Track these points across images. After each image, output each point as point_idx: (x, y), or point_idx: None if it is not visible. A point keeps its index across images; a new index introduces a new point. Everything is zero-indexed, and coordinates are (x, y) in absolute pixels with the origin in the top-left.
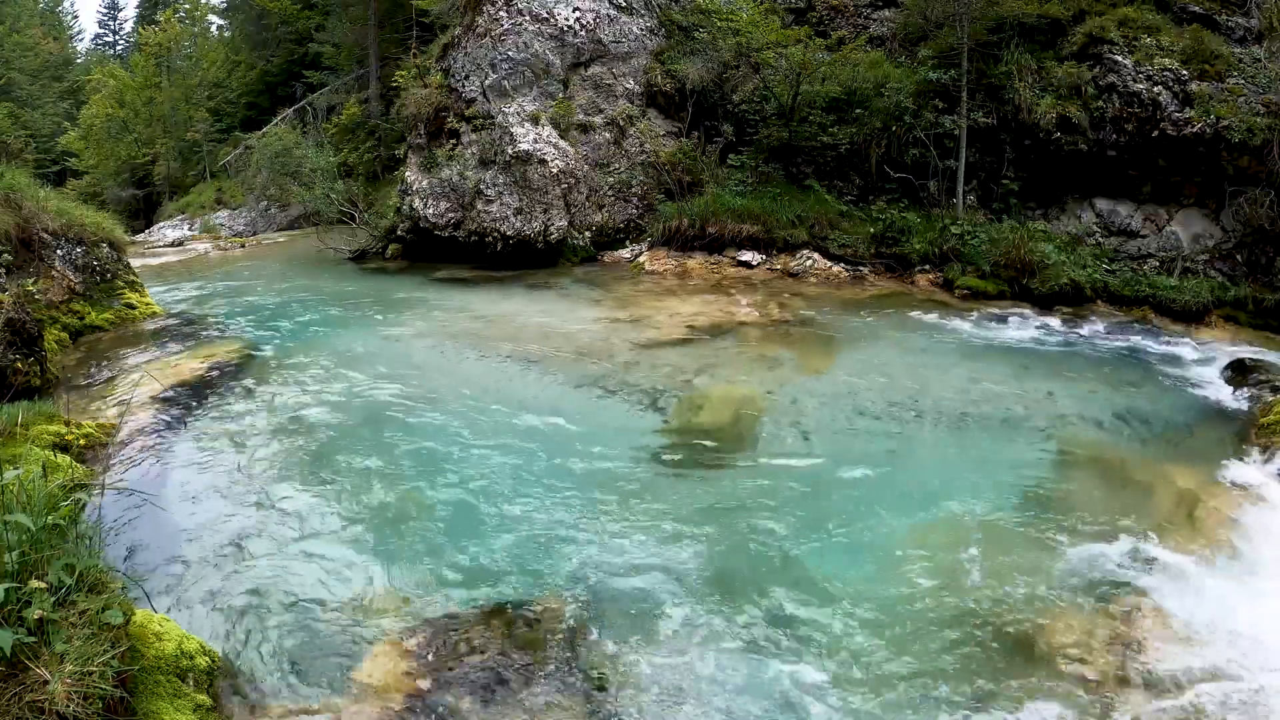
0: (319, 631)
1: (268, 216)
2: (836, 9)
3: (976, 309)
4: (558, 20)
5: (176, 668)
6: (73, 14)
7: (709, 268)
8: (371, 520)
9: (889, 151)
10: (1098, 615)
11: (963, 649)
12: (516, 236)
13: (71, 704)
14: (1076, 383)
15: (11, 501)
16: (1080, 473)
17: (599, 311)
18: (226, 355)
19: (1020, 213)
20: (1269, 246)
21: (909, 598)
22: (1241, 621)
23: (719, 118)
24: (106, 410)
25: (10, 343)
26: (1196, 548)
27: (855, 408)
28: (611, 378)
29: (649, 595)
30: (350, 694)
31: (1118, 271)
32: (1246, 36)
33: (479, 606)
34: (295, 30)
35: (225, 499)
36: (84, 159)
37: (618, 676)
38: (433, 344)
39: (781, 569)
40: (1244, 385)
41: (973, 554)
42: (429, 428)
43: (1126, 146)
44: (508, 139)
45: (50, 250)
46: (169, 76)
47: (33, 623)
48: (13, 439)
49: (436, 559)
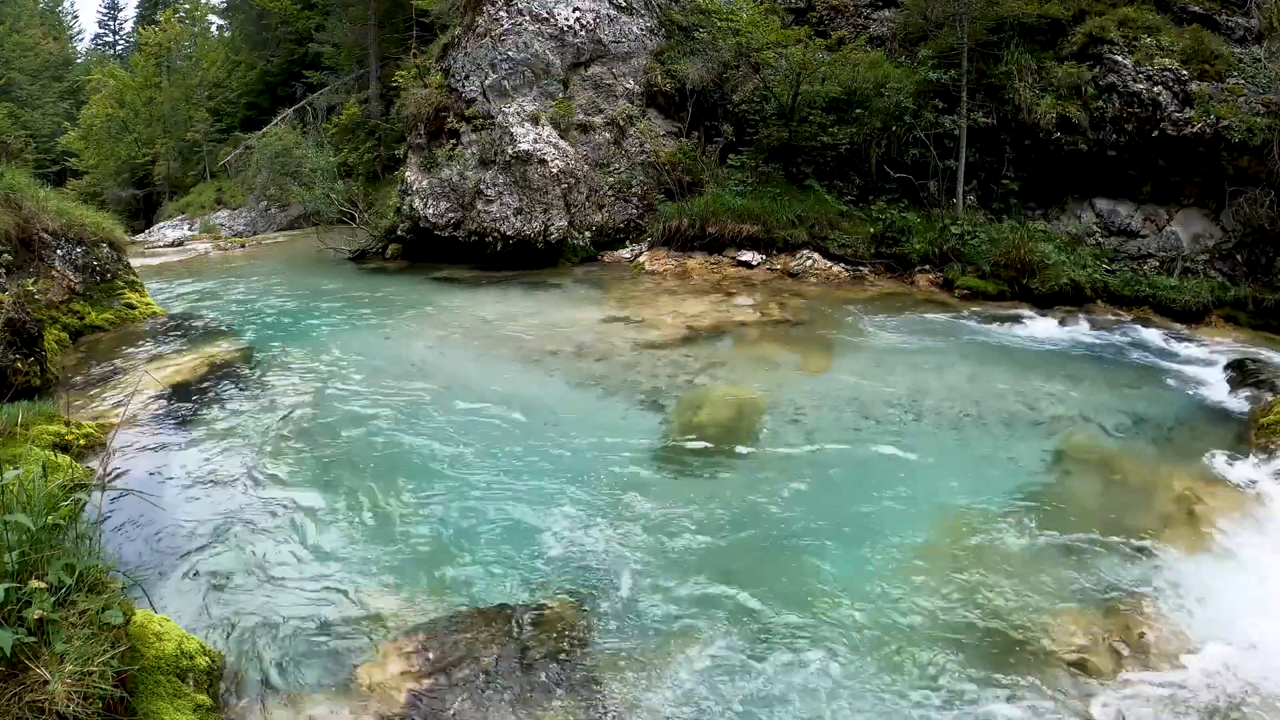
0: (319, 631)
1: (268, 216)
2: (836, 9)
3: (976, 309)
4: (558, 20)
5: (176, 668)
6: (73, 14)
7: (709, 268)
8: (371, 520)
9: (889, 151)
10: (1097, 615)
11: (963, 648)
12: (516, 236)
13: (71, 704)
14: (1076, 383)
15: (11, 501)
16: (1080, 473)
17: (599, 311)
18: (226, 355)
19: (1020, 213)
20: (1269, 246)
21: (909, 597)
22: (1242, 622)
23: (719, 118)
24: (106, 410)
25: (10, 343)
26: (1196, 548)
27: (855, 408)
28: (612, 378)
29: (649, 595)
30: (350, 694)
31: (1118, 271)
32: (1246, 36)
33: (479, 607)
34: (295, 30)
35: (225, 499)
36: (84, 159)
37: (617, 676)
38: (432, 344)
39: (782, 568)
40: (1244, 385)
41: (973, 554)
42: (429, 428)
43: (1126, 146)
44: (508, 139)
45: (50, 250)
46: (169, 76)
47: (33, 623)
48: (13, 439)
49: (436, 559)
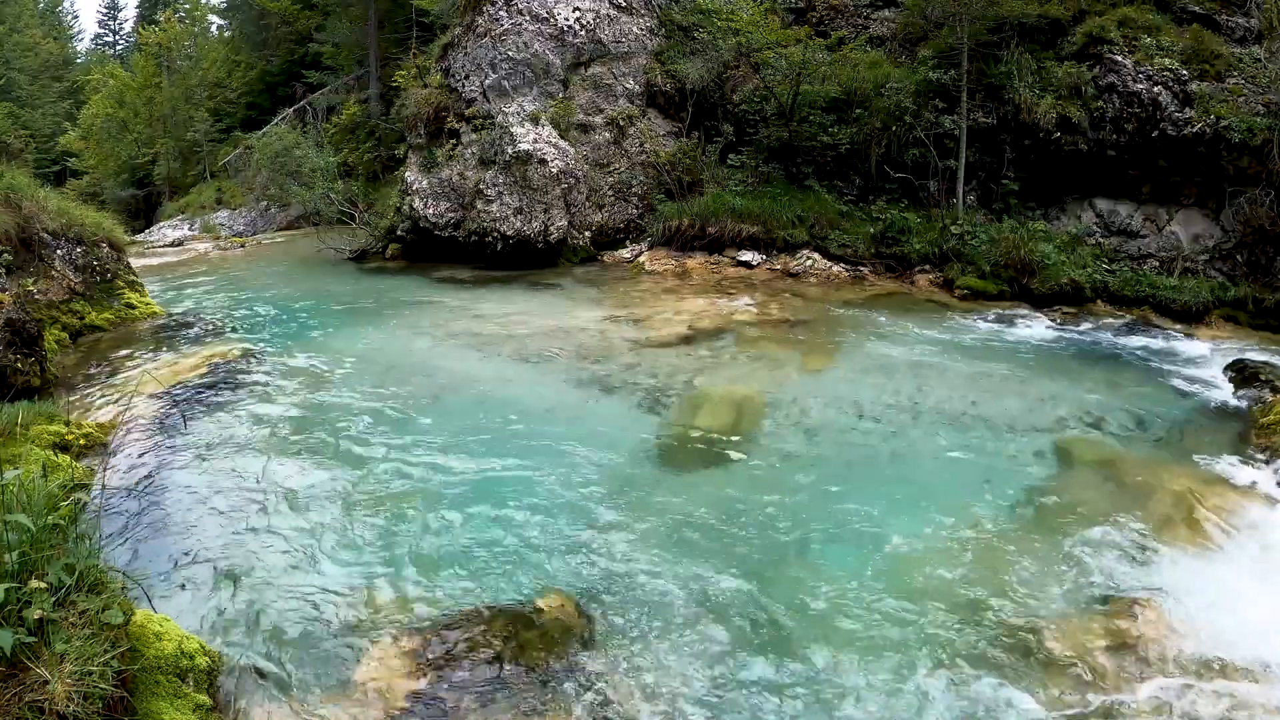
0: (320, 631)
1: (268, 216)
2: (836, 9)
3: (976, 309)
4: (558, 20)
5: (176, 668)
6: (73, 14)
7: (709, 268)
8: (371, 520)
9: (889, 151)
10: (1097, 615)
11: (961, 648)
12: (516, 236)
13: (71, 704)
14: (1076, 383)
15: (11, 501)
16: (1080, 473)
17: (599, 311)
18: (226, 355)
19: (1020, 213)
20: (1269, 246)
21: (909, 597)
22: (1242, 622)
23: (719, 118)
24: (106, 410)
25: (10, 343)
26: (1197, 548)
27: (855, 408)
28: (612, 377)
29: (649, 595)
30: (351, 694)
31: (1118, 271)
32: (1246, 36)
33: (479, 607)
34: (295, 30)
35: (225, 499)
36: (84, 159)
37: (617, 675)
38: (432, 344)
39: (781, 568)
40: (1244, 385)
41: (973, 554)
42: (428, 428)
43: (1126, 146)
44: (508, 139)
45: (50, 250)
46: (169, 76)
47: (33, 623)
48: (13, 439)
49: (437, 559)
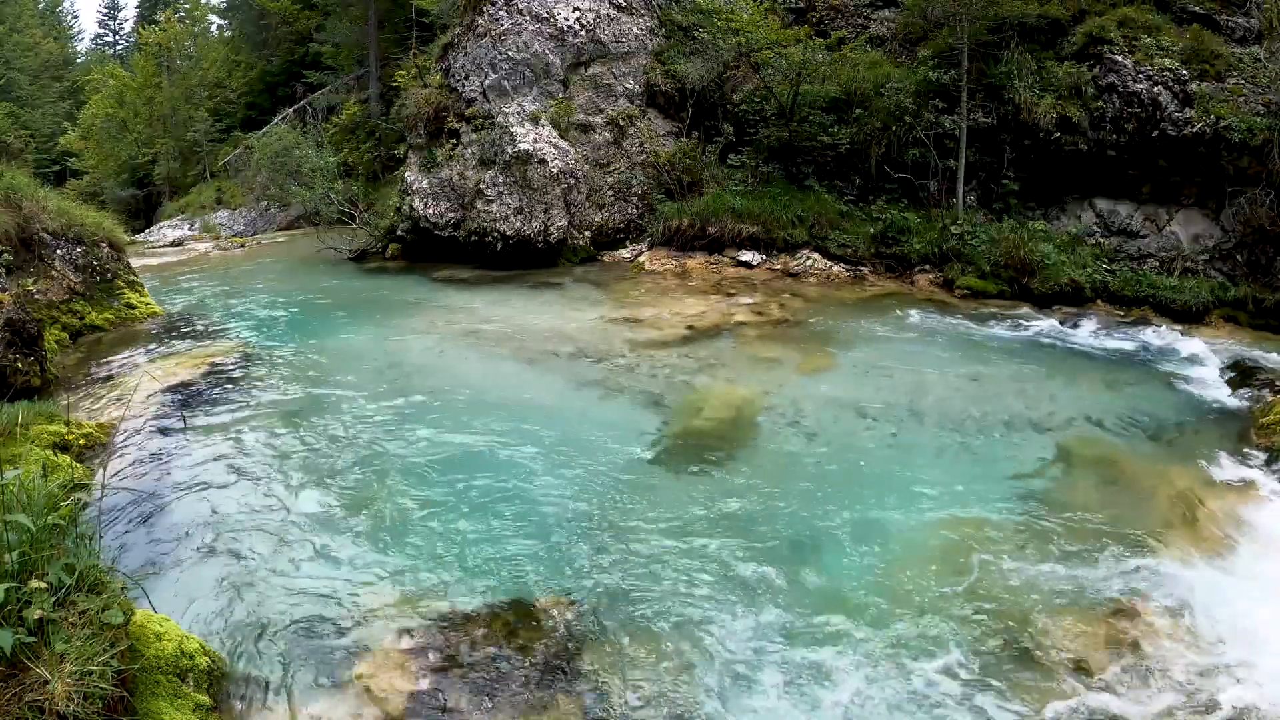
0: (320, 631)
1: (268, 216)
2: (836, 9)
3: (976, 309)
4: (558, 20)
5: (176, 668)
6: (73, 14)
7: (709, 268)
8: (371, 520)
9: (889, 151)
10: (1098, 615)
11: (961, 648)
12: (516, 236)
13: (71, 704)
14: (1076, 383)
15: (11, 501)
16: (1080, 473)
17: (599, 311)
18: (226, 355)
19: (1020, 213)
20: (1269, 246)
21: (910, 597)
22: (1242, 621)
23: (719, 118)
24: (106, 410)
25: (10, 343)
26: (1196, 548)
27: (855, 408)
28: (612, 378)
29: (649, 595)
30: (350, 694)
31: (1118, 271)
32: (1246, 36)
33: (479, 606)
34: (295, 30)
35: (225, 499)
36: (84, 159)
37: (617, 675)
38: (432, 344)
39: (781, 568)
40: (1244, 385)
41: (973, 553)
42: (428, 428)
43: (1126, 146)
44: (508, 139)
45: (50, 250)
46: (169, 76)
47: (33, 623)
48: (13, 439)
49: (436, 559)
